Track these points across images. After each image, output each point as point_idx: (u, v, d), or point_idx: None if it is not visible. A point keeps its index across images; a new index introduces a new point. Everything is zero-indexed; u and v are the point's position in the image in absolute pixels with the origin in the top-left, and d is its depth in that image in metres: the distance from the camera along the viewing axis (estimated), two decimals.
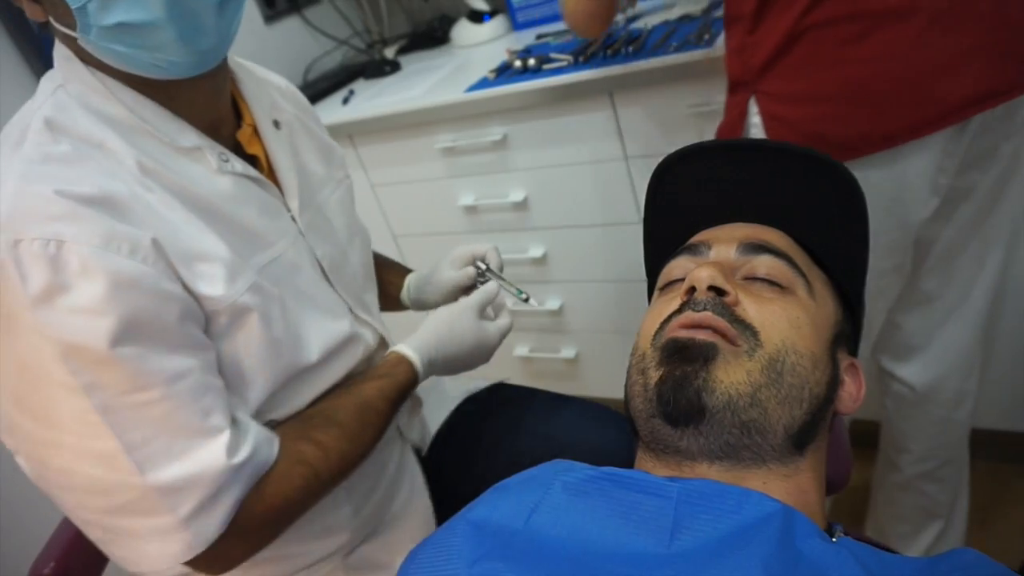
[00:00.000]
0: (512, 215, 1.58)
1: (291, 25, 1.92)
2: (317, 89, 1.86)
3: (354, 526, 0.80)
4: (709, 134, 1.28)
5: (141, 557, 0.61)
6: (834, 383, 0.57)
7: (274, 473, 0.65)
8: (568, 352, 1.73)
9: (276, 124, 0.77)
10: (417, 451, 0.96)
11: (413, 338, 0.80)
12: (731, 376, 0.51)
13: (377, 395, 0.74)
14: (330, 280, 0.78)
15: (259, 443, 0.64)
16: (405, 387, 0.77)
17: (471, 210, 1.61)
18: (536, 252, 1.60)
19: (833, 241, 0.63)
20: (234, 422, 0.63)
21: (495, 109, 1.43)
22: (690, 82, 1.24)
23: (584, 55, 1.36)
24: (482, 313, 0.84)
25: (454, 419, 1.00)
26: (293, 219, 0.75)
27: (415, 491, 0.90)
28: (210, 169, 0.67)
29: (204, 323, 0.63)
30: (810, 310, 0.57)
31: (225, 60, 0.69)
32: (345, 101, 1.74)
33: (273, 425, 0.70)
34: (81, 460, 0.57)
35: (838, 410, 0.59)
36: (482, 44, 1.80)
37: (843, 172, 0.61)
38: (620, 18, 1.49)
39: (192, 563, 0.62)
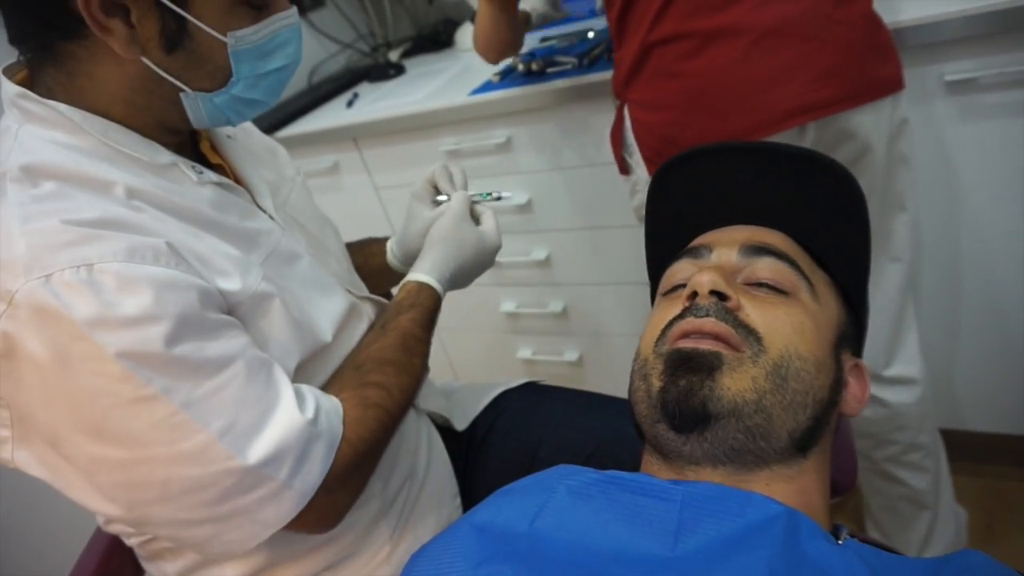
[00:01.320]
0: (516, 218, 1.58)
1: None
2: (321, 92, 1.86)
3: (383, 494, 0.81)
4: None
5: (257, 528, 0.63)
6: (838, 385, 0.57)
7: (349, 420, 0.68)
8: (571, 355, 1.73)
9: (228, 136, 0.80)
10: (447, 429, 0.97)
11: (421, 263, 0.83)
12: (737, 383, 0.51)
13: (412, 325, 0.78)
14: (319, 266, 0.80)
15: (319, 397, 0.67)
16: (433, 312, 0.81)
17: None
18: (540, 255, 1.60)
19: (834, 241, 0.63)
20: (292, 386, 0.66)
21: (499, 112, 1.44)
22: None
23: (589, 58, 1.36)
24: (470, 217, 0.88)
25: (492, 409, 1.00)
26: (271, 217, 0.76)
27: (436, 461, 0.90)
28: (190, 181, 0.68)
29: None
30: (813, 313, 0.57)
31: None
32: (349, 104, 1.74)
33: None
34: (176, 465, 0.59)
35: (843, 412, 0.58)
36: None
37: (842, 172, 0.61)
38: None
39: (306, 524, 0.66)
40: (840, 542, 0.48)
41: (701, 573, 0.45)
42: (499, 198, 0.93)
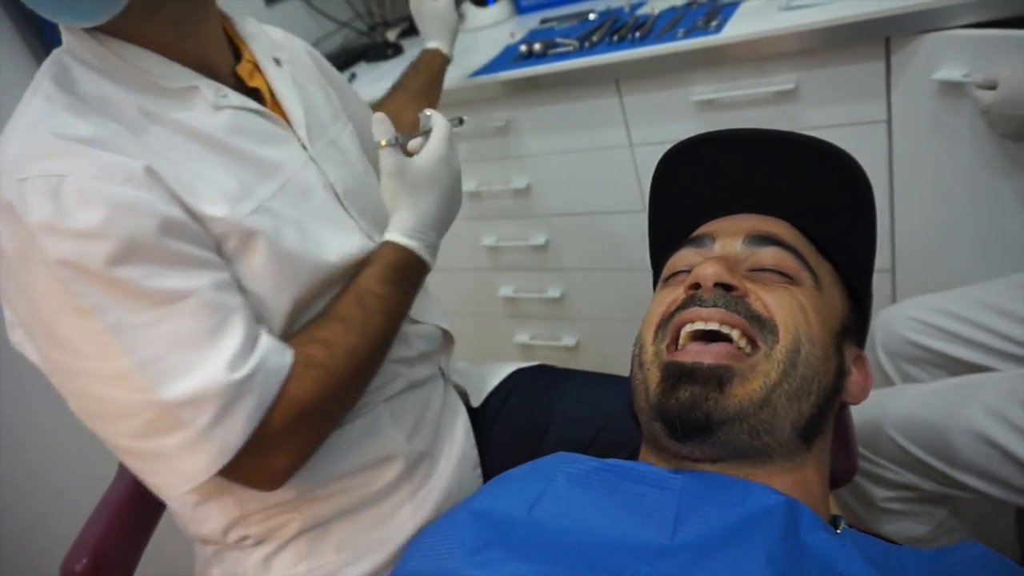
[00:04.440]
0: (514, 202, 1.57)
1: (292, 7, 1.90)
2: None
3: (408, 453, 0.81)
4: (717, 122, 1.27)
5: (176, 478, 0.63)
6: (841, 373, 0.57)
7: (288, 380, 0.66)
8: (569, 340, 1.73)
9: (277, 61, 0.81)
10: (466, 402, 0.97)
11: (392, 219, 0.79)
12: (747, 387, 0.51)
13: (370, 280, 0.74)
14: (344, 205, 0.79)
15: (266, 356, 0.65)
16: (397, 265, 0.75)
17: (474, 196, 1.60)
18: (538, 240, 1.59)
19: (840, 232, 0.62)
20: (246, 337, 0.65)
21: (498, 95, 1.42)
22: (698, 69, 1.23)
23: (590, 41, 1.34)
24: (450, 151, 0.81)
25: (504, 387, 1.00)
26: (304, 147, 0.77)
27: (460, 431, 0.90)
28: (207, 105, 0.70)
29: (214, 245, 0.65)
30: (816, 300, 0.56)
31: (210, 5, 0.73)
32: None
33: None
34: (106, 384, 0.60)
35: (846, 400, 0.58)
36: (485, 28, 1.78)
37: (849, 161, 0.60)
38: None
39: (236, 478, 0.65)
40: (838, 532, 0.48)
41: (700, 561, 0.45)
42: (461, 122, 0.88)
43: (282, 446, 0.66)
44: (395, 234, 0.76)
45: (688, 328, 0.54)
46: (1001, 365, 0.92)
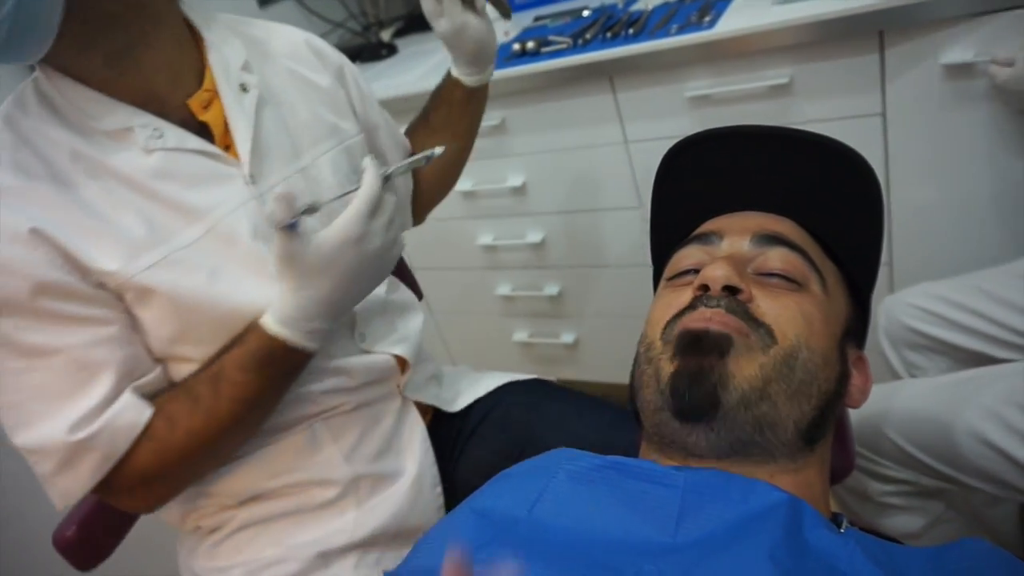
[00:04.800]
0: (510, 200, 1.57)
1: (286, 7, 1.90)
2: None
3: (347, 473, 0.81)
4: (711, 118, 1.27)
5: (54, 499, 0.69)
6: (843, 378, 0.57)
7: (133, 445, 0.68)
8: (567, 337, 1.73)
9: (243, 87, 0.76)
10: (437, 411, 0.95)
11: (274, 301, 0.70)
12: (743, 370, 0.51)
13: (230, 364, 0.69)
14: None
15: (117, 416, 0.66)
16: (260, 352, 0.69)
17: (469, 195, 1.60)
18: (535, 237, 1.59)
19: (847, 232, 0.61)
20: (104, 398, 0.67)
21: (493, 93, 1.41)
22: (692, 65, 1.23)
23: (583, 38, 1.34)
24: (367, 224, 0.67)
25: (491, 399, 0.98)
26: (251, 182, 0.74)
27: (416, 449, 0.88)
28: (137, 148, 0.69)
29: (109, 299, 0.67)
30: (823, 306, 0.56)
31: (156, 35, 0.69)
32: None
33: None
34: None
35: (847, 403, 0.58)
36: None
37: (858, 159, 0.59)
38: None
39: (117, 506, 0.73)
40: (841, 531, 0.48)
41: (703, 559, 0.45)
42: (430, 157, 0.71)
43: (135, 494, 0.71)
44: (268, 318, 0.69)
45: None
46: (1000, 353, 0.93)
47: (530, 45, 1.38)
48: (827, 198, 0.61)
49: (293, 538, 0.80)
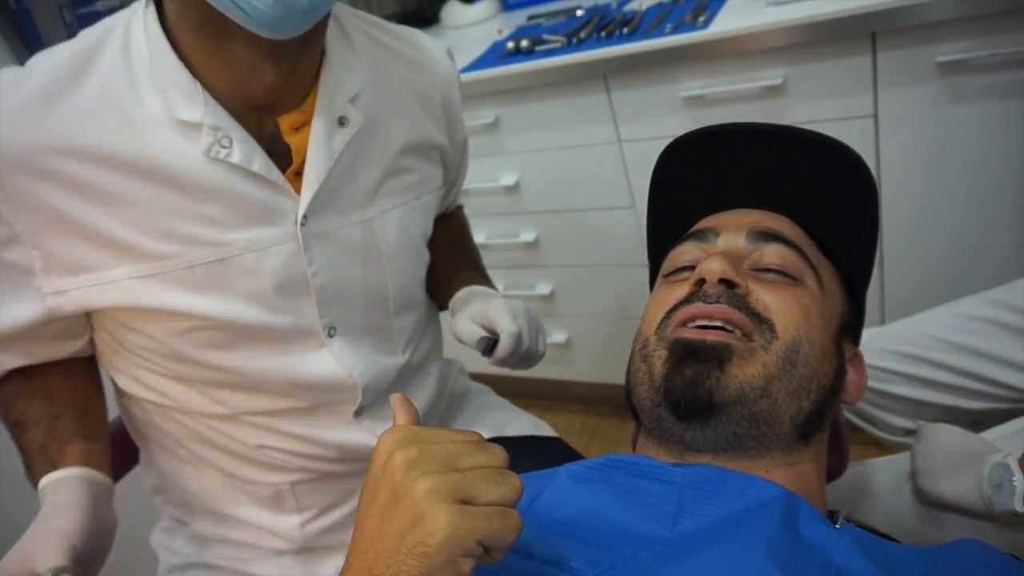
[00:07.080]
0: (503, 199, 1.57)
1: None
2: None
3: (299, 537, 0.81)
4: (705, 118, 1.27)
5: None
6: (840, 374, 0.57)
7: None
8: (559, 337, 1.73)
9: (341, 121, 0.68)
10: None
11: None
12: (745, 371, 0.51)
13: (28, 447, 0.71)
14: (317, 297, 0.70)
15: None
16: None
17: (463, 194, 1.60)
18: (527, 236, 1.59)
19: (842, 230, 0.61)
20: None
21: (486, 91, 1.42)
22: (686, 65, 1.23)
23: (577, 37, 1.34)
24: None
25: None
26: (301, 222, 0.67)
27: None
28: (197, 149, 0.62)
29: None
30: (819, 301, 0.56)
31: (309, 43, 0.63)
32: None
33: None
34: None
35: (843, 400, 0.59)
36: (472, 25, 1.78)
37: (855, 158, 0.60)
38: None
39: None
40: (837, 526, 0.48)
41: (699, 550, 0.45)
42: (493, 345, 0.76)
43: None
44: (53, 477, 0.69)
45: (691, 326, 0.54)
46: (972, 403, 0.86)
47: (524, 44, 1.38)
48: (822, 194, 0.61)
49: (238, 561, 0.83)
